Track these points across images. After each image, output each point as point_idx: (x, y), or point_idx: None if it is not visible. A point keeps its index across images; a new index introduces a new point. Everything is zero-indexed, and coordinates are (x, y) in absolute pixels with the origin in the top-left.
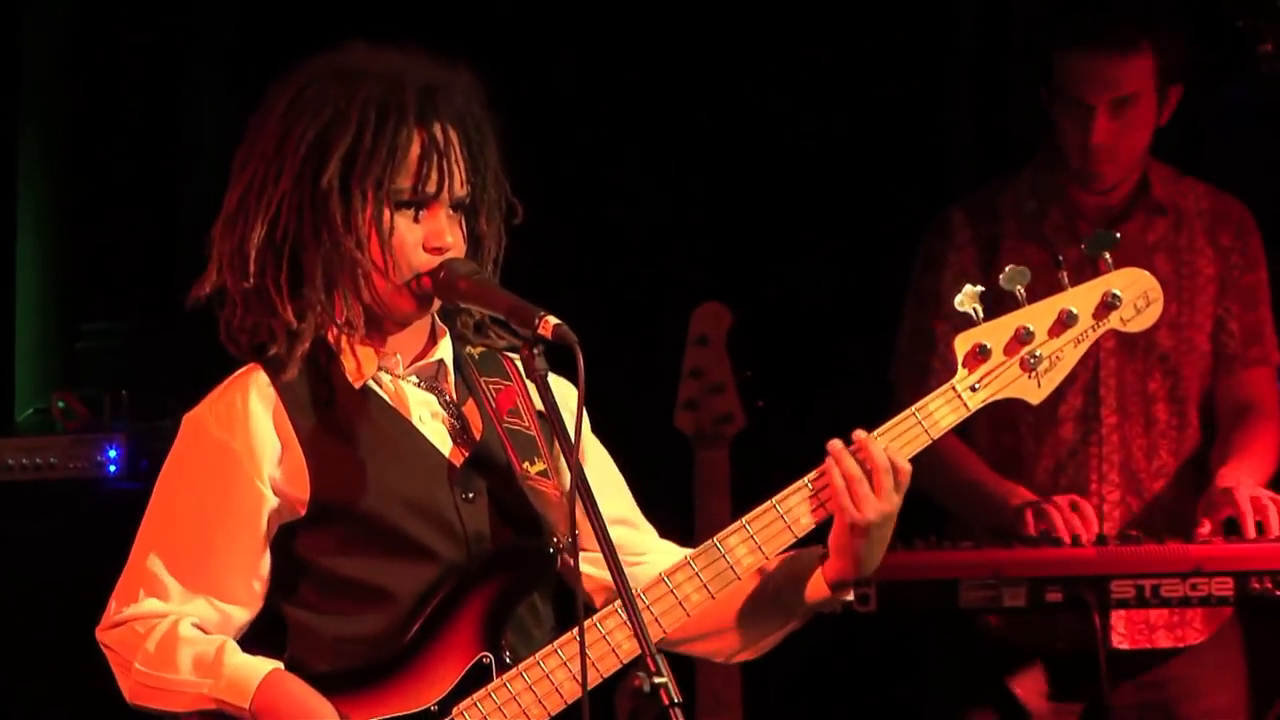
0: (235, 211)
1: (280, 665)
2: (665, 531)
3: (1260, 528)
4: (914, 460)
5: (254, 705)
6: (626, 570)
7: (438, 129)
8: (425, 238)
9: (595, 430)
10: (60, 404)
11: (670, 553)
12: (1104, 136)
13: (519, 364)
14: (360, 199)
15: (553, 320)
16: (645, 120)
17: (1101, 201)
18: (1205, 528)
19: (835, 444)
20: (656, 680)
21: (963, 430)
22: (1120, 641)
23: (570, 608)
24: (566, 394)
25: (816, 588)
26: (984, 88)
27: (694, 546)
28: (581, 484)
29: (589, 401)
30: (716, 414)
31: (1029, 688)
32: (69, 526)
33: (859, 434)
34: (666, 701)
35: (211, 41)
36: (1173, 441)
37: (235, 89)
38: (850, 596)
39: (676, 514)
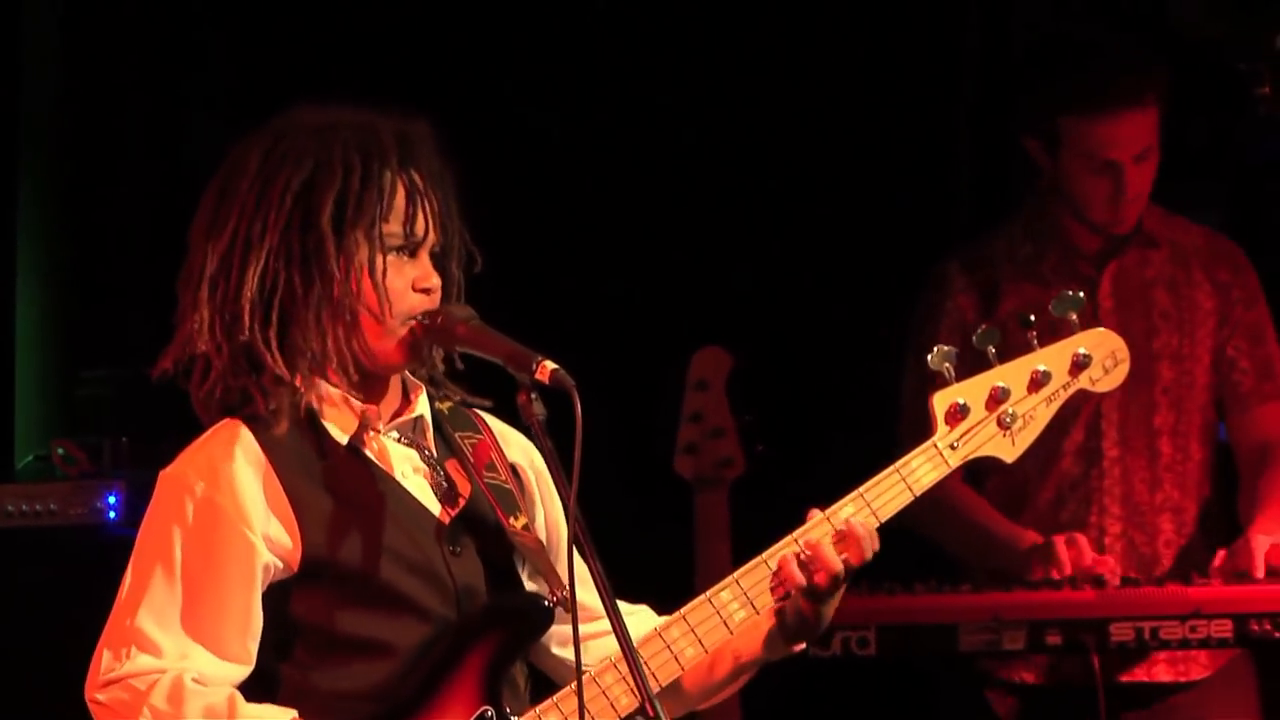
0: (217, 272)
1: (295, 714)
2: (665, 576)
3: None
4: (919, 505)
5: None
6: (595, 639)
7: (415, 175)
8: (415, 280)
9: (593, 475)
10: (60, 451)
11: (625, 612)
12: (1137, 187)
13: (486, 419)
14: (354, 244)
15: (550, 365)
16: (645, 161)
17: (1098, 239)
18: (1218, 561)
19: (784, 556)
20: None
21: (968, 464)
22: (1125, 677)
23: (539, 668)
24: (509, 434)
25: (774, 647)
26: (986, 130)
27: (697, 591)
28: (581, 533)
29: (586, 446)
30: (716, 458)
31: None
32: (69, 573)
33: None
34: None
35: (215, 89)
36: (1177, 475)
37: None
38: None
39: (676, 559)
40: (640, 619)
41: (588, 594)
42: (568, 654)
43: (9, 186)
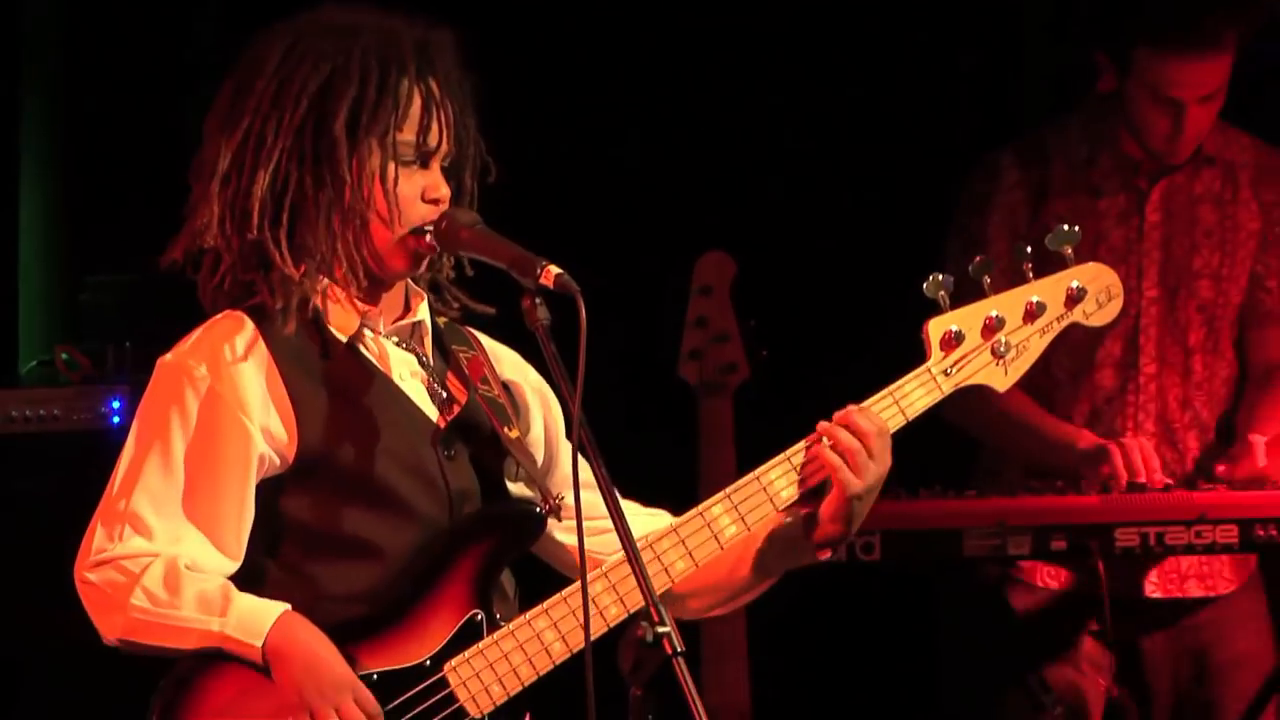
0: (230, 167)
1: (289, 607)
2: (669, 482)
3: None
4: (967, 402)
5: (267, 645)
6: (603, 533)
7: (434, 84)
8: (425, 189)
9: (598, 380)
10: (64, 356)
11: (643, 514)
12: (1195, 128)
13: (479, 337)
14: (366, 150)
15: (554, 270)
16: (648, 66)
17: (1171, 159)
18: (1220, 471)
19: (824, 424)
20: (659, 629)
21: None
22: (1153, 590)
23: (526, 575)
24: (501, 352)
25: (804, 552)
26: (993, 32)
27: (701, 497)
28: (584, 439)
29: (590, 351)
30: (721, 363)
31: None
32: (72, 479)
33: (845, 411)
34: (669, 650)
35: None
36: (1206, 394)
37: (240, 41)
38: (831, 556)
39: (680, 464)
40: (657, 520)
41: (594, 497)
42: (571, 539)
43: (11, 93)
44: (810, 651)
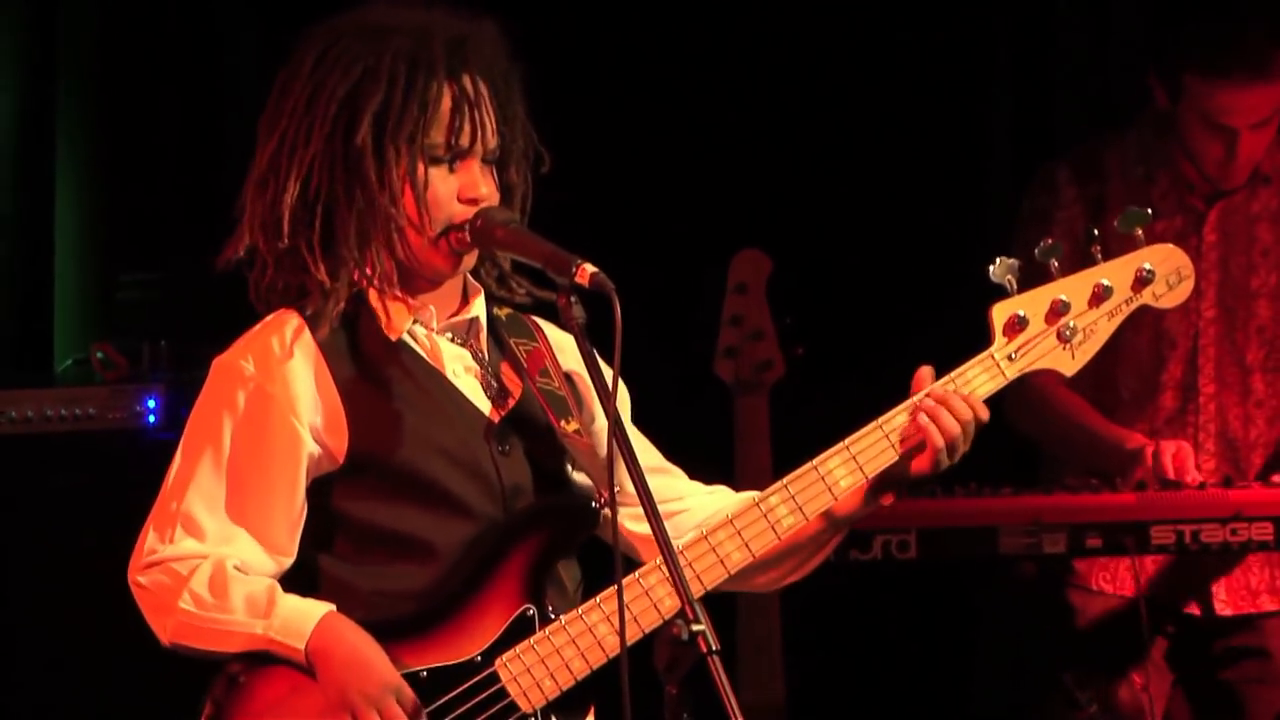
0: (266, 172)
1: (333, 608)
2: (705, 479)
3: None
4: (1025, 403)
5: (310, 647)
6: (671, 516)
7: (467, 81)
8: (460, 189)
9: (633, 378)
10: (99, 355)
11: (704, 493)
12: (1248, 153)
13: (544, 327)
14: (394, 155)
15: (590, 268)
16: (685, 64)
17: (1225, 184)
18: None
19: (927, 402)
20: (694, 628)
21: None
22: (1223, 608)
23: (598, 564)
24: (565, 341)
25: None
26: (1027, 30)
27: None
28: (620, 436)
29: (625, 349)
30: (756, 361)
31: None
32: (108, 477)
33: (946, 394)
34: (704, 649)
35: None
36: (1270, 412)
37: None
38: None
39: (716, 462)
40: (719, 498)
41: (664, 478)
42: (641, 528)
43: (48, 92)
44: (845, 649)
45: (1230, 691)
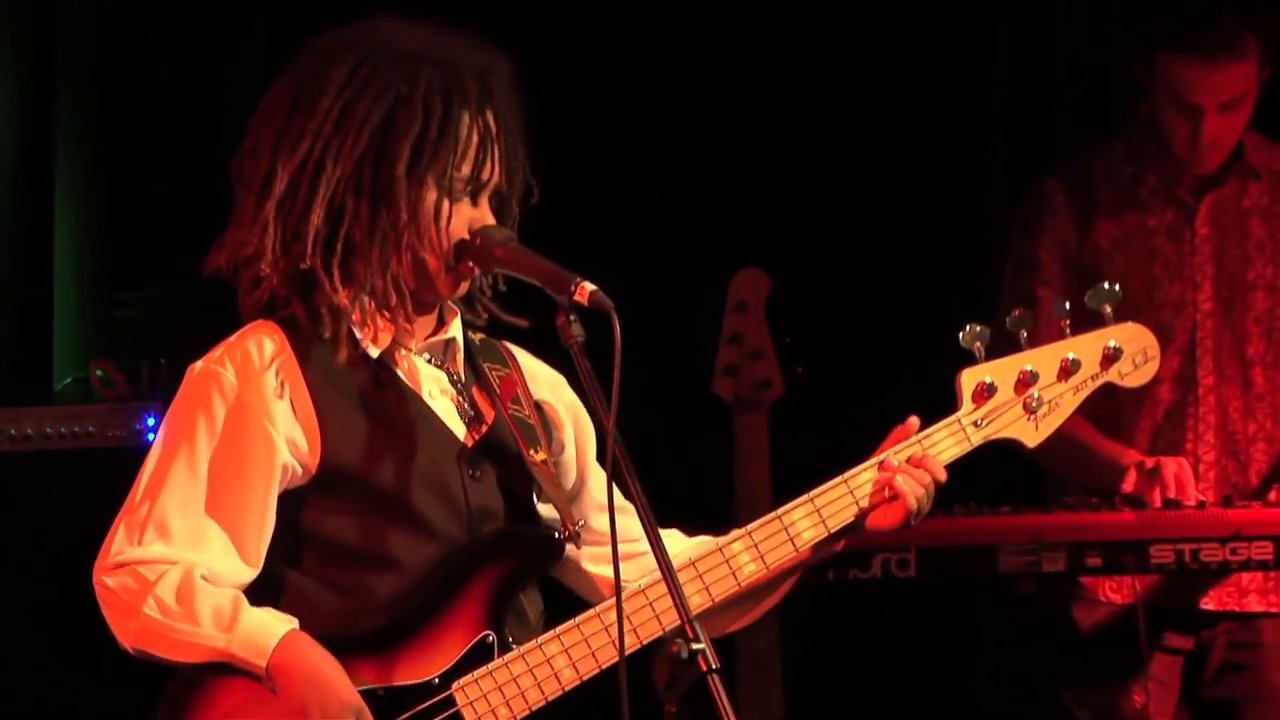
0: (286, 192)
1: (296, 625)
2: (703, 498)
3: None
4: None
5: (271, 664)
6: (633, 557)
7: (490, 116)
8: (471, 222)
9: (632, 396)
10: (98, 373)
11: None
12: (1213, 134)
13: (516, 353)
14: (424, 187)
15: (589, 286)
16: (683, 83)
17: (1197, 167)
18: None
19: (897, 461)
20: (694, 646)
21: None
22: (1207, 603)
23: (553, 598)
24: (537, 370)
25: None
26: (1025, 49)
27: (735, 512)
28: (618, 455)
29: (625, 368)
30: (755, 380)
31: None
32: (107, 495)
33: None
34: (704, 667)
35: (253, 5)
36: (1270, 405)
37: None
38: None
39: (714, 480)
40: (673, 541)
41: (626, 519)
42: (602, 570)
43: (47, 109)
44: (845, 667)
45: (1230, 712)
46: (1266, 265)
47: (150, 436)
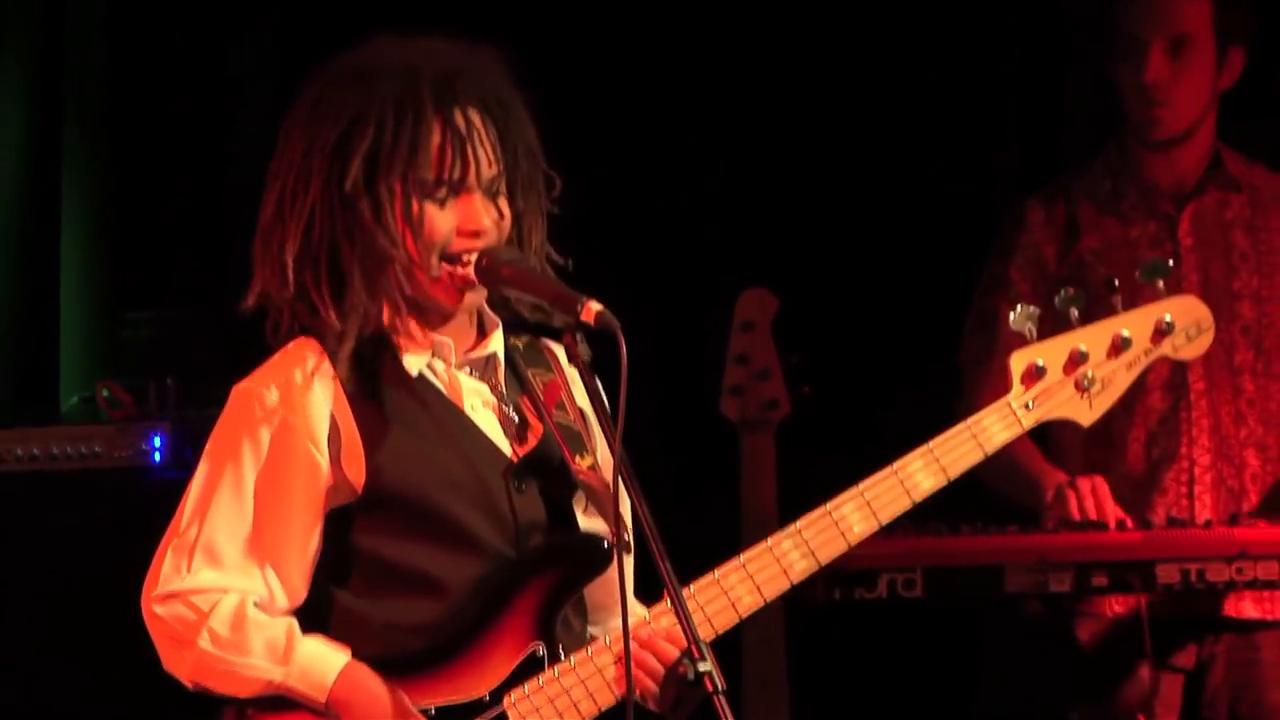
0: (271, 221)
1: (349, 654)
2: (710, 518)
3: None
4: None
5: (331, 698)
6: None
7: (458, 115)
8: (460, 223)
9: (639, 416)
10: (105, 393)
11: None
12: (1159, 73)
13: (559, 353)
14: (388, 194)
15: (595, 306)
16: (691, 103)
17: (1175, 175)
18: None
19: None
20: (700, 667)
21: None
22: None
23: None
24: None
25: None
26: (1035, 72)
27: (743, 532)
28: (626, 475)
29: (631, 387)
30: (762, 400)
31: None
32: (114, 515)
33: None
34: (711, 688)
35: (258, 26)
36: (1261, 412)
37: (282, 73)
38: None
39: (721, 500)
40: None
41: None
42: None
43: (54, 130)
44: (851, 687)
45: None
46: (1252, 275)
47: (157, 457)
